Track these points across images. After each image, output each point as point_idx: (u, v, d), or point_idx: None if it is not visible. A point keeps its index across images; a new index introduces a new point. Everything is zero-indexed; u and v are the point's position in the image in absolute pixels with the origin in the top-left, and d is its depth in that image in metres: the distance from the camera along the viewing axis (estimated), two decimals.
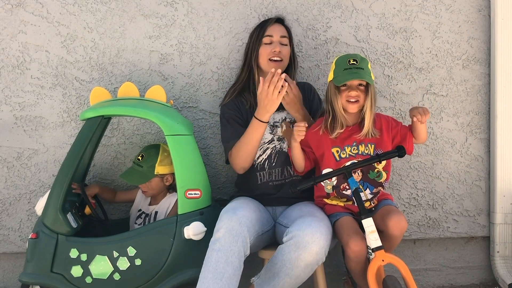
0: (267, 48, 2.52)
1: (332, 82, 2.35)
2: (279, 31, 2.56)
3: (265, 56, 2.52)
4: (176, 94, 2.85)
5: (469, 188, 3.01)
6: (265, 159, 2.52)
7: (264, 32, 2.55)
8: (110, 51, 2.81)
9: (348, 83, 2.31)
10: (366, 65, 2.33)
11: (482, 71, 2.99)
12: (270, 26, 2.57)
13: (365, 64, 2.33)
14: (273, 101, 2.31)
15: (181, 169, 2.37)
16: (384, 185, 2.42)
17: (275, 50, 2.51)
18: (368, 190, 2.39)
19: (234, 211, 2.21)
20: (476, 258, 3.11)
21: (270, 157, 2.52)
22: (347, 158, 2.37)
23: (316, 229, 2.14)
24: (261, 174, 2.52)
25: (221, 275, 2.07)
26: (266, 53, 2.52)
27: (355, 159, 2.37)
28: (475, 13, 2.97)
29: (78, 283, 2.33)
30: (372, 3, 2.91)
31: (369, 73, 2.32)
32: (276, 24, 2.59)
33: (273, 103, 2.32)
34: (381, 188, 2.41)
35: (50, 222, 2.34)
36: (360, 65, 2.31)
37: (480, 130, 3.00)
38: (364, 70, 2.31)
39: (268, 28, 2.56)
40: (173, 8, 2.83)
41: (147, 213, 2.61)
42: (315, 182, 2.26)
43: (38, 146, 2.81)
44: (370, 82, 2.30)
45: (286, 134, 2.53)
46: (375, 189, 2.40)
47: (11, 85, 2.78)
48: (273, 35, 2.53)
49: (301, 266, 2.14)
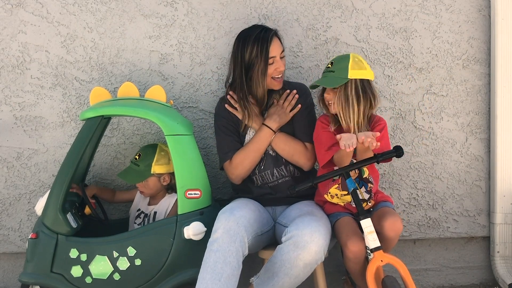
0: (271, 67, 2.47)
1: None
2: (278, 48, 2.49)
3: (270, 75, 2.48)
4: (176, 94, 2.85)
5: (469, 188, 3.01)
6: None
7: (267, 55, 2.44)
8: (110, 51, 2.81)
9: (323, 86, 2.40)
10: (341, 66, 2.32)
11: (482, 71, 2.99)
12: (270, 46, 2.46)
13: (340, 65, 2.32)
14: (286, 116, 2.51)
15: (181, 169, 2.38)
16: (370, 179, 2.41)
17: (281, 70, 2.49)
18: (364, 188, 2.39)
19: (232, 211, 2.21)
20: (476, 258, 3.10)
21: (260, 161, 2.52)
22: None
23: (315, 229, 2.14)
24: (255, 178, 2.53)
25: (220, 276, 2.07)
26: (270, 72, 2.47)
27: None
28: (475, 13, 2.97)
29: (78, 283, 2.33)
30: (372, 3, 2.91)
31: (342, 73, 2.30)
32: (274, 40, 2.48)
33: (286, 117, 2.51)
34: (372, 186, 2.41)
35: (50, 222, 2.34)
36: (333, 68, 2.34)
37: (480, 130, 3.00)
38: (334, 72, 2.32)
39: (270, 50, 2.45)
40: (173, 8, 2.83)
41: (146, 212, 2.61)
42: (313, 183, 2.26)
43: (38, 146, 2.81)
44: (329, 86, 2.33)
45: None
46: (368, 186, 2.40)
47: (11, 85, 2.78)
48: (275, 55, 2.47)
49: (300, 266, 2.14)
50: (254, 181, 2.54)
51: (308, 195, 2.52)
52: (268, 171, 2.52)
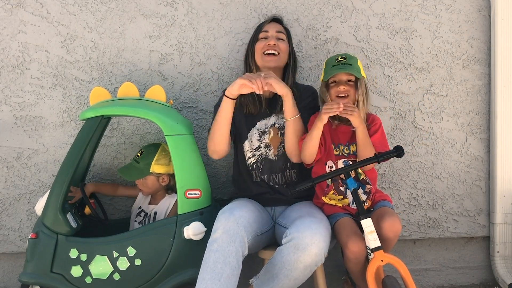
0: (262, 42, 2.50)
1: (322, 81, 2.43)
2: (275, 27, 2.54)
3: (260, 50, 2.50)
4: (176, 94, 2.85)
5: (469, 188, 3.01)
6: (254, 163, 2.53)
7: (260, 29, 2.55)
8: (110, 51, 2.81)
9: (337, 79, 2.37)
10: (355, 62, 2.39)
11: (482, 71, 2.99)
12: (266, 24, 2.56)
13: (353, 61, 2.39)
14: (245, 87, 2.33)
15: (181, 169, 2.38)
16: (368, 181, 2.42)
17: (270, 43, 2.48)
18: (361, 190, 2.40)
19: (231, 211, 2.21)
20: (476, 258, 3.10)
21: (257, 163, 2.53)
22: (339, 156, 2.42)
23: (315, 231, 2.13)
24: (254, 173, 2.54)
25: (219, 276, 2.07)
26: (260, 47, 2.50)
27: (347, 158, 2.39)
28: (475, 13, 2.97)
29: (78, 283, 2.33)
30: (372, 3, 2.91)
31: (358, 69, 2.36)
32: (273, 22, 2.58)
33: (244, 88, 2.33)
34: (370, 187, 2.41)
35: (50, 222, 2.34)
36: (348, 62, 2.37)
37: (480, 130, 3.00)
38: (352, 65, 2.36)
39: (265, 25, 2.56)
40: (173, 8, 2.83)
41: (147, 212, 2.61)
42: (314, 182, 2.26)
43: (38, 146, 2.81)
44: (357, 75, 2.35)
45: (273, 141, 2.52)
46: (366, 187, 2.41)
47: (11, 85, 2.78)
48: (268, 30, 2.51)
49: (300, 268, 2.14)
50: (252, 176, 2.54)
51: (308, 195, 2.52)
52: (265, 175, 2.52)
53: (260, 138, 2.53)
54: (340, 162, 2.41)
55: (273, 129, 2.53)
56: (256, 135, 2.53)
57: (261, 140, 2.53)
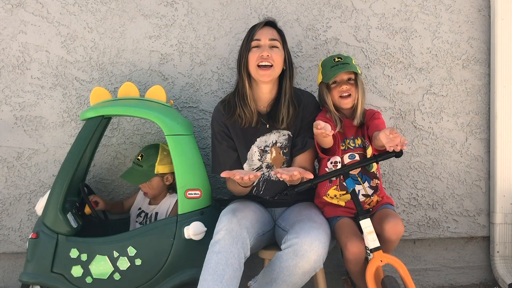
0: (256, 53, 2.32)
1: (322, 83, 2.43)
2: (268, 34, 2.35)
3: (254, 62, 2.32)
4: (176, 94, 2.85)
5: (469, 188, 3.01)
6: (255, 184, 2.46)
7: (252, 36, 2.35)
8: (110, 51, 2.82)
9: (338, 79, 2.40)
10: (351, 61, 2.43)
11: (482, 71, 2.99)
12: (259, 30, 2.35)
13: (349, 60, 2.43)
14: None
15: (181, 169, 2.38)
16: (377, 175, 2.42)
17: (263, 55, 2.30)
18: (367, 183, 2.39)
19: (234, 212, 2.20)
20: (476, 258, 3.11)
21: (258, 185, 2.47)
22: (345, 150, 2.41)
23: (314, 237, 2.11)
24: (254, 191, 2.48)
25: (221, 277, 2.05)
26: (254, 58, 2.32)
27: (353, 152, 2.39)
28: (475, 13, 2.97)
29: (78, 283, 2.33)
30: (372, 3, 2.91)
31: (355, 67, 2.41)
32: (265, 27, 2.37)
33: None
34: (378, 182, 2.41)
35: (50, 222, 2.35)
36: (346, 61, 2.41)
37: (480, 130, 3.00)
38: (350, 64, 2.40)
39: (257, 32, 2.35)
40: (173, 8, 2.83)
41: (147, 212, 2.61)
42: (313, 183, 2.26)
43: (38, 146, 2.81)
44: (357, 72, 2.40)
45: (275, 161, 2.45)
46: (372, 181, 2.41)
47: (11, 85, 2.78)
48: (260, 38, 2.33)
49: (299, 274, 2.13)
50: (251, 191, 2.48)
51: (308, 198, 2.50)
52: (267, 197, 2.48)
53: (261, 157, 2.45)
54: (346, 156, 2.40)
55: (275, 149, 2.44)
56: (257, 154, 2.45)
57: (262, 160, 2.45)
